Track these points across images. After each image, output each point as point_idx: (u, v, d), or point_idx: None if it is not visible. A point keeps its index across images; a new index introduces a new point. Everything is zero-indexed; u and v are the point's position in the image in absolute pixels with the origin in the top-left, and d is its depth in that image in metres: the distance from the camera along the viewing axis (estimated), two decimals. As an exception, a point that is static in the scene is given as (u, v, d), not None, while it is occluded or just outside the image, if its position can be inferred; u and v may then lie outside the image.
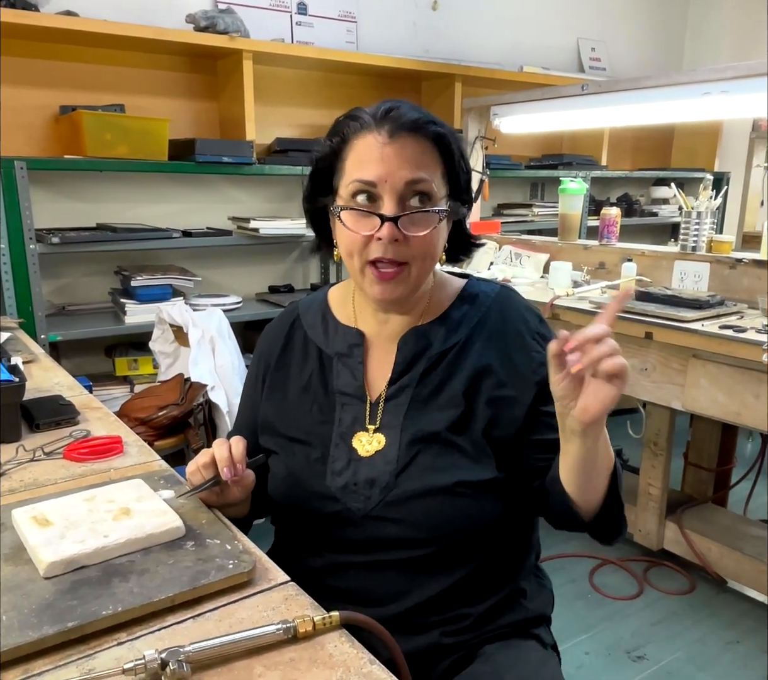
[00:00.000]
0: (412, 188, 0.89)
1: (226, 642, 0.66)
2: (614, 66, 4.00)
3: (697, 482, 2.52)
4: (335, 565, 0.95)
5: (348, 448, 0.96)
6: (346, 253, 0.93)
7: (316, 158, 0.97)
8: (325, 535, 0.96)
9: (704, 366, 1.80)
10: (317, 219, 1.03)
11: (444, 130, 0.92)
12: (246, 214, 2.86)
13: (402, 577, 0.93)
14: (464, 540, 0.93)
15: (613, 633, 2.01)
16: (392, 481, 0.92)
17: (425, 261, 0.93)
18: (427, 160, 0.90)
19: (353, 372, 0.99)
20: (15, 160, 2.15)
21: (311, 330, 1.05)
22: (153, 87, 2.65)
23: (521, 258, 2.70)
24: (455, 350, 0.97)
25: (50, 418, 1.23)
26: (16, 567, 0.77)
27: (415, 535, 0.91)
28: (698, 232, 2.22)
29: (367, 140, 0.90)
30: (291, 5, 2.90)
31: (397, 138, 0.88)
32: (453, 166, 0.94)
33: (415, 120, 0.89)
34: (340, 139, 0.93)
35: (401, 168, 0.88)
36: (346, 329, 1.03)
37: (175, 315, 2.27)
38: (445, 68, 3.07)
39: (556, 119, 2.58)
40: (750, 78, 1.86)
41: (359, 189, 0.90)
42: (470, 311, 0.99)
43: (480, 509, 0.92)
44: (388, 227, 0.88)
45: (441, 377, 0.96)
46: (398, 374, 0.97)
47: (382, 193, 0.89)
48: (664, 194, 4.17)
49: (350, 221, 0.91)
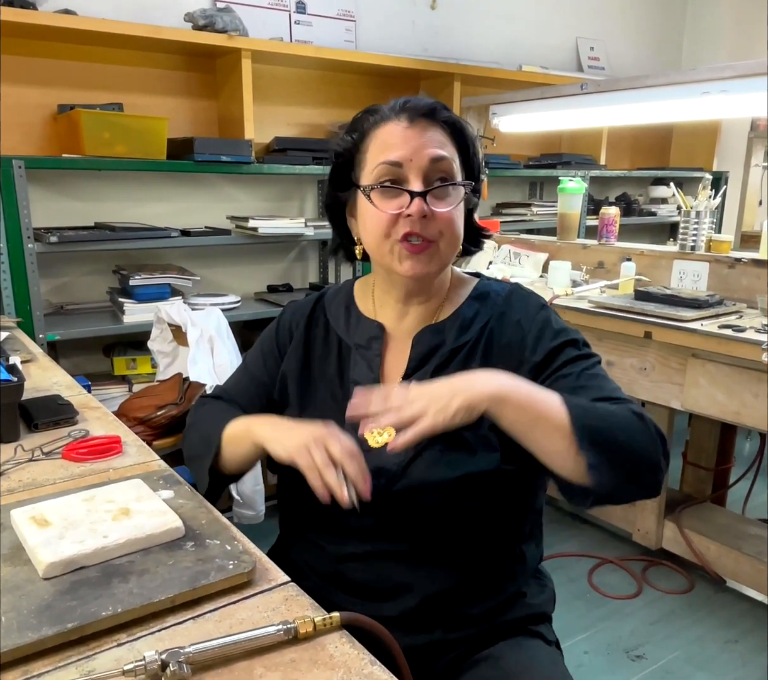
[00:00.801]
0: (436, 166, 0.92)
1: (227, 643, 0.66)
2: (613, 65, 4.00)
3: (696, 481, 2.52)
4: (338, 555, 0.96)
5: (358, 438, 0.96)
6: (375, 236, 0.94)
7: (336, 153, 0.99)
8: (330, 522, 0.97)
9: (703, 366, 1.80)
10: (336, 220, 1.05)
11: (457, 117, 0.97)
12: (245, 213, 2.85)
13: (404, 569, 0.93)
14: (467, 533, 0.94)
15: (612, 633, 2.01)
16: (399, 472, 0.93)
17: (452, 238, 0.95)
18: (445, 142, 0.95)
19: (370, 364, 1.01)
20: (13, 159, 2.14)
21: (334, 320, 1.07)
22: (151, 86, 2.65)
23: (520, 257, 2.70)
24: (467, 347, 0.98)
25: (49, 418, 1.23)
26: (15, 567, 0.77)
27: (420, 526, 0.93)
28: (697, 231, 2.22)
29: (387, 128, 0.94)
30: (290, 4, 2.89)
31: (417, 123, 0.93)
32: (467, 152, 0.98)
33: (431, 105, 0.94)
34: (359, 134, 0.97)
35: (425, 146, 0.92)
36: (367, 321, 1.05)
37: (173, 314, 2.27)
38: (443, 67, 3.07)
39: (555, 118, 2.58)
40: (749, 77, 1.86)
41: (385, 172, 0.92)
42: (481, 309, 1.02)
43: (485, 502, 0.93)
44: (418, 203, 0.90)
45: (453, 373, 0.95)
46: (412, 370, 0.99)
47: (408, 172, 0.92)
48: (663, 194, 4.17)
49: (378, 201, 0.93)
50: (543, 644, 0.98)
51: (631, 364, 1.98)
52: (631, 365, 1.98)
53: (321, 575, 0.97)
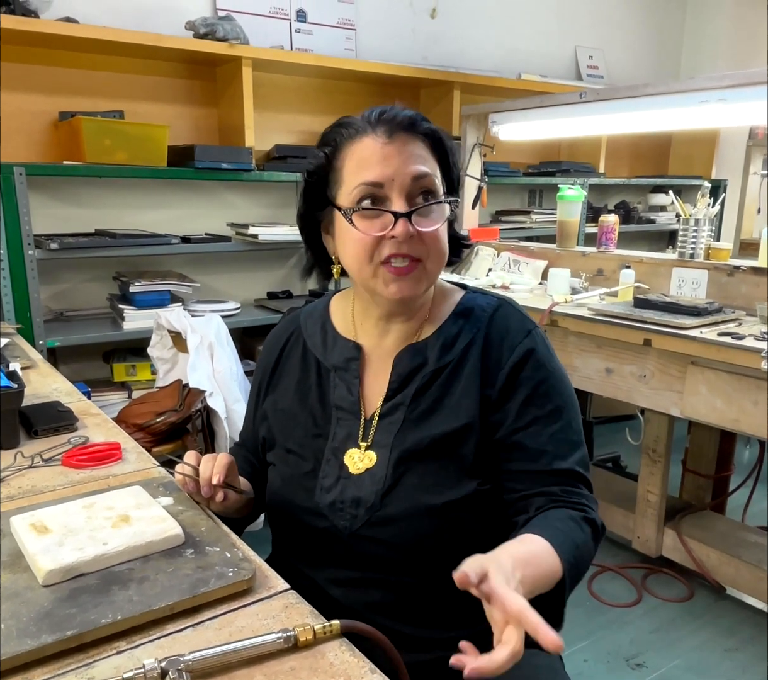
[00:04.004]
0: (418, 183, 0.88)
1: (226, 650, 0.66)
2: (611, 74, 4.02)
3: (696, 489, 2.52)
4: (324, 579, 0.95)
5: (339, 464, 0.95)
6: (357, 259, 0.90)
7: (308, 171, 0.94)
8: (314, 548, 0.96)
9: (703, 373, 1.80)
10: (310, 239, 1.00)
11: (436, 127, 0.92)
12: (245, 220, 2.86)
13: (389, 599, 0.92)
14: (455, 557, 0.92)
15: (612, 641, 2.00)
16: (378, 502, 0.91)
17: (439, 257, 0.92)
18: (426, 157, 0.90)
19: (349, 387, 0.98)
20: (14, 166, 2.15)
21: (311, 340, 1.04)
22: (152, 93, 2.66)
23: (519, 265, 2.71)
24: (449, 368, 0.94)
25: (49, 424, 1.23)
26: (15, 574, 0.77)
27: (401, 557, 0.91)
28: (696, 239, 2.22)
29: (364, 143, 0.89)
30: (290, 12, 2.91)
31: (396, 137, 0.88)
32: (447, 163, 0.94)
33: (412, 117, 0.90)
34: (332, 148, 0.91)
35: (406, 164, 0.87)
36: (344, 341, 1.01)
37: (173, 321, 2.27)
38: (443, 76, 3.08)
39: (554, 127, 2.59)
40: (748, 86, 1.87)
41: (365, 193, 0.88)
42: (465, 327, 0.96)
43: (467, 528, 0.91)
44: (403, 224, 0.86)
45: (435, 395, 0.94)
46: (393, 392, 0.96)
47: (390, 192, 0.87)
48: (662, 201, 4.18)
49: (360, 225, 0.88)
50: (543, 652, 0.97)
51: (630, 371, 1.98)
52: (630, 372, 1.98)
53: (307, 599, 0.96)
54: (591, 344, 2.06)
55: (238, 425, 2.18)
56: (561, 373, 0.96)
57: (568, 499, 0.90)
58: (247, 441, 1.14)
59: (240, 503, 0.98)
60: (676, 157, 4.42)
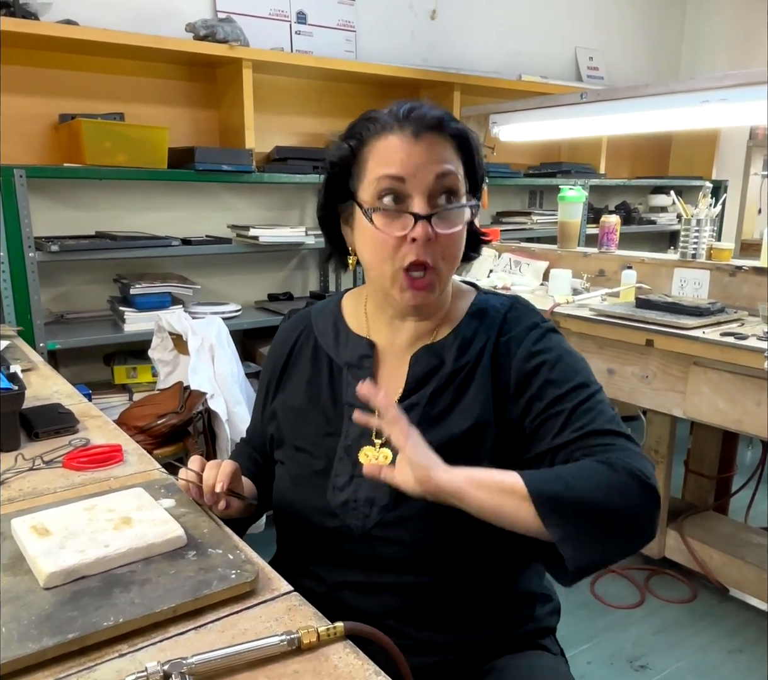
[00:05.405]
0: (440, 182, 0.87)
1: (230, 653, 0.65)
2: (612, 75, 4.02)
3: (698, 489, 2.51)
4: (332, 582, 0.94)
5: (352, 462, 0.94)
6: (376, 259, 0.90)
7: (331, 162, 0.94)
8: (323, 549, 0.95)
9: (705, 373, 1.80)
10: (329, 227, 1.00)
11: (464, 127, 0.92)
12: (245, 222, 2.86)
13: (399, 601, 0.91)
14: (465, 564, 0.91)
15: (615, 642, 2.00)
16: (391, 501, 0.90)
17: (454, 260, 0.92)
18: (451, 157, 0.90)
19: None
20: (14, 169, 2.14)
21: (322, 337, 1.03)
22: (153, 95, 2.66)
23: (521, 266, 2.71)
24: (466, 369, 0.94)
25: (49, 426, 1.22)
26: (16, 577, 0.76)
27: (413, 557, 0.90)
28: (698, 239, 2.22)
29: (390, 141, 0.88)
30: (290, 14, 2.91)
31: (423, 137, 0.87)
32: (472, 162, 0.93)
33: (440, 118, 0.89)
34: (357, 142, 0.91)
35: (430, 162, 0.87)
36: (357, 338, 1.00)
37: (174, 323, 2.27)
38: (443, 77, 3.08)
39: (555, 128, 2.59)
40: (748, 86, 1.87)
41: (386, 187, 0.87)
42: (480, 328, 0.96)
43: (482, 529, 0.88)
44: (423, 226, 0.86)
45: (452, 396, 0.93)
46: (409, 392, 0.95)
47: (411, 190, 0.87)
48: (662, 202, 4.18)
49: (380, 223, 0.88)
50: (548, 654, 0.97)
51: (632, 372, 1.97)
52: (632, 373, 1.97)
53: (315, 601, 0.96)
54: (593, 344, 2.06)
55: (239, 427, 2.18)
56: (575, 355, 0.95)
57: (602, 452, 0.83)
58: (253, 439, 1.13)
59: (242, 508, 0.98)
60: (677, 158, 4.42)
